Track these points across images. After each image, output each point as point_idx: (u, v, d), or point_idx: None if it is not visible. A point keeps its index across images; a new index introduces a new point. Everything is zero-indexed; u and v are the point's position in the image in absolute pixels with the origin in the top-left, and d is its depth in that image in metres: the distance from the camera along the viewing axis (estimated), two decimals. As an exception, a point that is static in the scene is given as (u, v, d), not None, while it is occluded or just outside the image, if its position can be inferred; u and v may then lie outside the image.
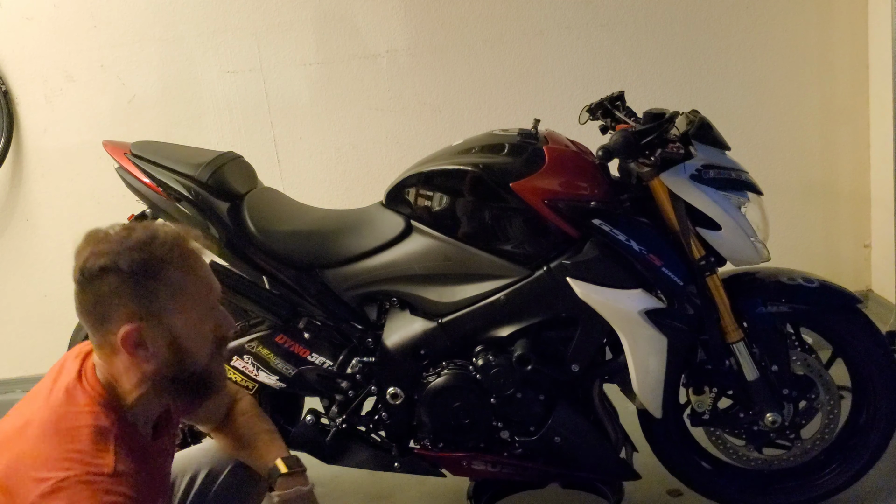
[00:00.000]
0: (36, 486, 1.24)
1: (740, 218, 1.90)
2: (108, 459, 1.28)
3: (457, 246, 1.98)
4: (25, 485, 1.25)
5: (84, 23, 3.12)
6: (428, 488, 2.50)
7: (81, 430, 1.30)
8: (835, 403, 2.04)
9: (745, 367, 1.97)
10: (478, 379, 1.99)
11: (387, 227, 2.05)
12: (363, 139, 2.72)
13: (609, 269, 1.91)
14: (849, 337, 2.02)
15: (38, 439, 1.29)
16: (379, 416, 2.11)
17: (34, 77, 3.17)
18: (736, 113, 3.07)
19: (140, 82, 3.16)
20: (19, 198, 3.28)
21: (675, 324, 1.92)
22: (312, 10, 3.08)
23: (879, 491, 2.20)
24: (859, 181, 3.15)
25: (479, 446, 2.07)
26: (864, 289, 3.23)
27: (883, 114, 2.96)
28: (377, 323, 2.10)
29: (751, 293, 1.99)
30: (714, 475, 2.16)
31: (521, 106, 2.57)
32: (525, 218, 1.93)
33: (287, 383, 2.14)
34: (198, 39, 3.12)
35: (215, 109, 3.18)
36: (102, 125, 3.17)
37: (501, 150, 1.98)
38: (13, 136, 3.21)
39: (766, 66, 3.07)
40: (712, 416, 2.05)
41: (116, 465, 1.28)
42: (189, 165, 2.13)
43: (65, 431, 1.30)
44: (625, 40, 3.07)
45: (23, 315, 3.36)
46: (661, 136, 1.85)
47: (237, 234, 2.10)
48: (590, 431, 2.03)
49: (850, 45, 3.04)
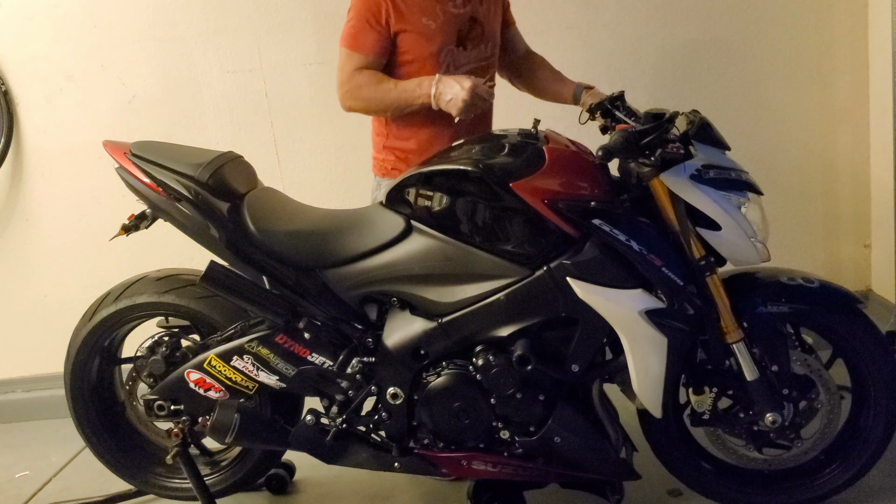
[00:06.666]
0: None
1: (740, 218, 1.90)
2: None
3: (457, 246, 1.98)
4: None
5: (84, 23, 3.12)
6: (428, 488, 2.50)
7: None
8: (835, 403, 2.04)
9: (745, 367, 1.97)
10: (478, 379, 1.99)
11: (387, 227, 2.05)
12: (363, 139, 2.70)
13: (609, 269, 1.91)
14: (849, 337, 2.02)
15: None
16: (379, 416, 2.11)
17: (34, 77, 3.17)
18: (736, 113, 3.07)
19: (140, 82, 3.16)
20: (19, 198, 3.28)
21: (675, 324, 1.92)
22: (312, 10, 3.08)
23: (879, 491, 2.20)
24: (859, 181, 3.15)
25: (479, 446, 2.07)
26: (864, 289, 3.23)
27: (883, 114, 2.96)
28: (377, 323, 2.10)
29: (751, 293, 2.00)
30: (714, 475, 2.16)
31: (521, 106, 2.57)
32: (525, 218, 1.93)
33: (287, 383, 2.14)
34: (198, 39, 3.12)
35: (215, 109, 3.18)
36: (102, 125, 3.17)
37: (501, 150, 1.98)
38: (13, 136, 3.21)
39: (766, 66, 3.07)
40: (712, 416, 2.06)
41: None
42: (189, 165, 2.13)
43: None
44: (625, 40, 3.07)
45: (23, 315, 3.36)
46: (661, 136, 1.85)
47: (237, 234, 2.10)
48: (590, 431, 2.04)
49: (850, 45, 3.04)
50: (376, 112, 2.32)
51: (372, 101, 2.24)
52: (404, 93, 2.19)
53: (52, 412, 3.23)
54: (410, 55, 2.24)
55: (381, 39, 2.21)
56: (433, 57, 2.23)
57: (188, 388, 2.21)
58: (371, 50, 2.22)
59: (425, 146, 2.29)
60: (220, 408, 2.15)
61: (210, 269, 2.07)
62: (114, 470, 2.47)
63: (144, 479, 2.47)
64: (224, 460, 2.47)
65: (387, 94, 2.21)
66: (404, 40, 2.23)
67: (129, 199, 2.25)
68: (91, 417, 2.41)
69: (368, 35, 2.21)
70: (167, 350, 2.26)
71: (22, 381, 3.42)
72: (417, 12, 2.20)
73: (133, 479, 2.47)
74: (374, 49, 2.22)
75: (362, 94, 2.23)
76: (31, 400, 3.41)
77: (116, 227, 2.25)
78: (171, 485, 2.46)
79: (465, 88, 2.09)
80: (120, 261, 2.99)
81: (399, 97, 2.20)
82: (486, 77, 2.35)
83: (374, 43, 2.21)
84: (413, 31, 2.21)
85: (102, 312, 2.31)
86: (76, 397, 2.39)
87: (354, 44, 2.23)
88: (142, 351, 2.30)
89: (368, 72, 2.22)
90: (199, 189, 2.11)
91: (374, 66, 2.23)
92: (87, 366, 2.38)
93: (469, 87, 2.09)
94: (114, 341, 2.43)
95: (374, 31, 2.20)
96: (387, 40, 2.22)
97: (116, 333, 2.40)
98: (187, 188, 2.11)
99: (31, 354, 3.37)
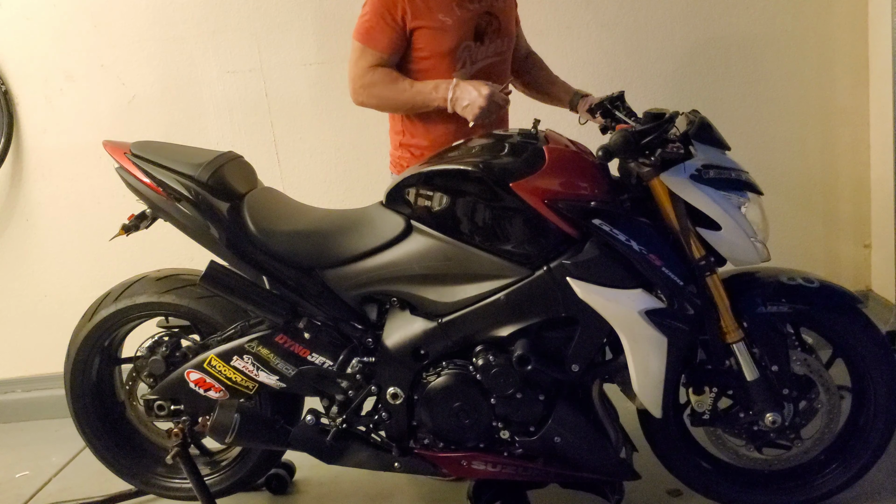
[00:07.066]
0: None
1: (740, 218, 1.90)
2: None
3: (457, 246, 1.98)
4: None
5: (84, 23, 3.12)
6: (428, 488, 2.50)
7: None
8: (835, 403, 2.04)
9: (745, 367, 1.97)
10: (478, 379, 1.99)
11: (387, 227, 2.05)
12: (363, 139, 2.72)
13: (609, 269, 1.91)
14: (849, 337, 2.02)
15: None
16: (379, 416, 2.11)
17: (34, 77, 3.17)
18: (736, 113, 3.07)
19: (140, 82, 3.16)
20: (19, 198, 3.28)
21: (675, 324, 1.92)
22: (312, 10, 3.08)
23: (880, 491, 2.20)
24: (859, 181, 3.15)
25: (479, 446, 2.07)
26: (864, 289, 3.23)
27: (883, 114, 2.96)
28: (377, 323, 2.10)
29: (751, 293, 1.99)
30: (714, 475, 2.16)
31: (521, 106, 2.57)
32: (525, 218, 1.93)
33: (287, 383, 2.14)
34: (198, 39, 3.12)
35: (215, 109, 3.18)
36: (102, 125, 3.17)
37: (501, 150, 1.98)
38: (13, 136, 3.21)
39: (766, 66, 3.07)
40: (712, 416, 2.06)
41: None
42: (189, 165, 2.13)
43: None
44: (625, 40, 3.07)
45: (23, 315, 3.36)
46: (661, 136, 1.85)
47: (237, 234, 2.10)
48: (590, 431, 2.04)
49: (850, 45, 3.04)
50: (389, 110, 2.31)
51: (386, 99, 2.23)
52: (420, 94, 2.18)
53: (52, 412, 3.23)
54: (426, 52, 2.22)
55: (397, 37, 2.20)
56: (450, 53, 2.21)
57: (188, 388, 2.21)
58: (386, 47, 2.20)
59: (441, 144, 2.25)
60: (220, 408, 2.15)
61: (210, 269, 2.07)
62: (114, 470, 2.47)
63: (144, 479, 2.47)
64: (224, 460, 2.47)
65: (401, 93, 2.20)
66: (420, 37, 2.21)
67: (129, 199, 2.25)
68: (91, 417, 2.41)
69: (383, 32, 2.19)
70: (167, 350, 2.26)
71: (22, 381, 3.42)
72: (434, 9, 2.18)
73: (133, 479, 2.47)
74: (388, 47, 2.20)
75: (376, 92, 2.22)
76: (31, 400, 3.41)
77: (116, 227, 2.25)
78: (171, 485, 2.46)
79: (482, 95, 2.08)
80: (120, 261, 2.99)
81: (414, 98, 2.20)
82: (502, 71, 2.34)
83: (389, 40, 2.20)
84: (430, 28, 2.19)
85: (102, 312, 2.31)
86: (76, 397, 2.39)
87: (369, 39, 2.21)
88: (142, 351, 2.30)
89: (383, 70, 2.21)
90: (199, 189, 2.11)
91: (388, 64, 2.22)
92: (87, 366, 2.38)
93: (487, 94, 2.08)
94: (114, 341, 2.43)
95: (390, 28, 2.19)
96: (402, 38, 2.21)
97: (116, 333, 2.40)
98: (187, 188, 2.11)
99: (31, 354, 3.37)
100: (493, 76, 2.28)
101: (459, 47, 2.22)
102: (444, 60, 2.22)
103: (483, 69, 2.28)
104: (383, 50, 2.20)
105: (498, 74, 2.32)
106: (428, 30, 2.19)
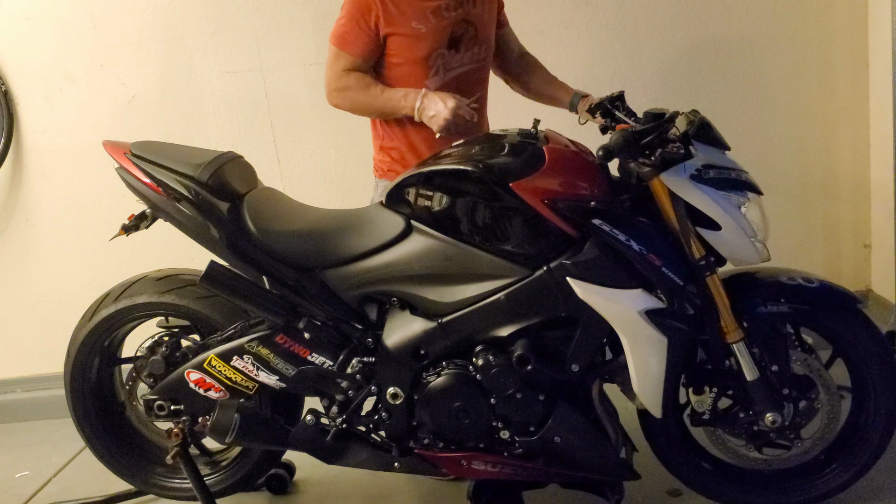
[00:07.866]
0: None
1: (740, 218, 1.90)
2: None
3: (457, 246, 1.98)
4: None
5: (84, 23, 3.12)
6: (428, 488, 2.50)
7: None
8: (835, 403, 2.04)
9: (745, 367, 1.97)
10: (478, 379, 1.99)
11: (387, 227, 2.05)
12: (363, 139, 2.70)
13: (609, 269, 1.91)
14: (849, 337, 2.02)
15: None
16: (379, 416, 2.11)
17: (34, 77, 3.17)
18: (736, 113, 3.07)
19: (140, 82, 3.16)
20: (19, 198, 3.28)
21: (675, 324, 1.92)
22: (312, 10, 3.08)
23: (880, 490, 2.20)
24: (859, 181, 3.15)
25: (479, 446, 2.07)
26: (864, 289, 3.23)
27: (883, 114, 2.96)
28: (377, 323, 2.10)
29: (751, 293, 1.99)
30: (714, 475, 2.16)
31: (520, 106, 2.57)
32: (525, 218, 1.92)
33: (287, 383, 2.14)
34: (198, 39, 3.12)
35: (215, 109, 3.18)
36: (102, 125, 3.17)
37: (501, 150, 1.98)
38: (13, 136, 3.21)
39: (766, 66, 3.07)
40: (712, 416, 2.06)
41: None
42: (189, 165, 2.13)
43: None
44: (625, 40, 3.06)
45: (23, 315, 3.36)
46: (661, 136, 1.85)
47: (237, 234, 2.10)
48: (590, 431, 2.04)
49: (850, 45, 3.04)
50: (361, 114, 2.34)
51: (358, 103, 2.27)
52: (390, 101, 2.22)
53: (52, 412, 3.23)
54: (400, 58, 2.25)
55: (370, 42, 2.22)
56: (423, 61, 2.24)
57: (188, 388, 2.21)
58: (359, 52, 2.23)
59: (418, 149, 2.31)
60: (220, 408, 2.15)
61: (210, 269, 2.07)
62: (114, 470, 2.47)
63: (144, 479, 2.47)
64: (224, 460, 2.47)
65: (373, 99, 2.23)
66: (394, 43, 2.23)
67: (129, 199, 2.25)
68: (91, 417, 2.41)
69: (357, 36, 2.22)
70: (167, 350, 2.26)
71: (22, 381, 3.43)
72: (408, 16, 2.20)
73: (133, 479, 2.48)
74: (362, 52, 2.23)
75: (349, 97, 2.26)
76: (31, 400, 3.41)
77: (116, 227, 2.25)
78: (171, 485, 2.46)
79: (448, 107, 2.12)
80: (120, 261, 3.00)
81: (385, 105, 2.23)
82: (478, 79, 2.35)
83: (363, 45, 2.22)
84: (403, 35, 2.21)
85: (102, 312, 2.31)
86: (76, 397, 2.39)
87: (343, 43, 2.24)
88: (142, 351, 2.30)
89: (357, 74, 2.24)
90: (199, 189, 2.11)
91: (362, 69, 2.25)
92: (87, 366, 2.38)
93: (452, 108, 2.12)
94: (114, 341, 2.43)
95: (363, 33, 2.21)
96: (375, 43, 2.23)
97: (116, 333, 2.40)
98: (187, 188, 2.11)
99: (31, 354, 3.37)
100: (469, 84, 2.31)
101: (433, 55, 2.24)
102: (418, 67, 2.24)
103: (458, 77, 2.30)
104: (357, 55, 2.23)
105: (474, 82, 2.35)
106: (401, 37, 2.21)
